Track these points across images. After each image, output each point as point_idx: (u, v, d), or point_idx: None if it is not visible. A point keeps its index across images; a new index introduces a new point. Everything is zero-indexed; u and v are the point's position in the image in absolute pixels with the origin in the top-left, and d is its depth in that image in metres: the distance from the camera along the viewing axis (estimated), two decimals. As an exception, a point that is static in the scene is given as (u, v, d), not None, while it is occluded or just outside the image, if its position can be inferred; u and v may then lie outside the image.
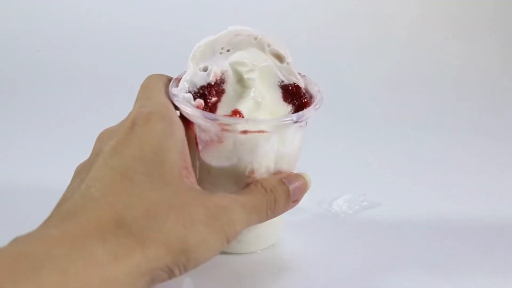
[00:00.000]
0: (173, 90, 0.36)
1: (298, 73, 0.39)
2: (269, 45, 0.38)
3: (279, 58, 0.38)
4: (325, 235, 0.45)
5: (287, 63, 0.38)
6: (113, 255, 0.26)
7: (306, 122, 0.38)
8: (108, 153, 0.31)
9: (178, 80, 0.37)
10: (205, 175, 0.38)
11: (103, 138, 0.33)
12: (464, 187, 0.53)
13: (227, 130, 0.35)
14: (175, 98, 0.36)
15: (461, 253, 0.43)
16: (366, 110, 0.70)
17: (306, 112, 0.36)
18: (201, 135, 0.36)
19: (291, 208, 0.37)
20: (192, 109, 0.35)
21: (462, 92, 0.76)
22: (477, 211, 0.49)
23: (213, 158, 0.37)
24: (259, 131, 0.35)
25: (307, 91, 0.39)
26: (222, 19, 0.81)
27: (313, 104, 0.37)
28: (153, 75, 0.38)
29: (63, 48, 0.78)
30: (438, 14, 0.88)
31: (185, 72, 0.37)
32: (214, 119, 0.35)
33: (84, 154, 0.33)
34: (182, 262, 0.29)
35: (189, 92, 0.36)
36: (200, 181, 0.37)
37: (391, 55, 0.81)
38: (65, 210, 0.29)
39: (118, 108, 0.65)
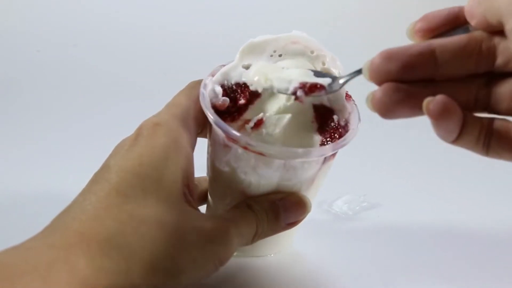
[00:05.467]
0: (207, 79, 0.35)
1: (348, 95, 0.36)
2: (323, 63, 0.36)
3: None
4: (325, 236, 0.45)
5: None
6: (96, 268, 0.26)
7: (335, 154, 0.36)
8: (108, 167, 0.31)
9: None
10: (210, 171, 0.38)
11: (114, 149, 0.33)
12: (465, 188, 0.53)
13: (231, 140, 0.33)
14: (202, 90, 0.34)
15: (461, 254, 0.43)
16: (365, 110, 0.69)
17: (296, 153, 0.33)
18: (213, 133, 0.35)
19: (285, 230, 0.36)
20: (205, 108, 0.34)
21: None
22: (477, 212, 0.49)
23: (215, 158, 0.36)
24: (259, 153, 0.33)
25: (347, 122, 0.36)
26: (221, 19, 0.81)
27: (330, 144, 0.34)
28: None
29: (63, 48, 0.78)
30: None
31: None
32: (219, 125, 0.33)
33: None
34: (170, 283, 0.28)
35: (223, 85, 0.35)
36: (208, 176, 0.38)
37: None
38: (57, 222, 0.29)
39: (118, 108, 0.66)
